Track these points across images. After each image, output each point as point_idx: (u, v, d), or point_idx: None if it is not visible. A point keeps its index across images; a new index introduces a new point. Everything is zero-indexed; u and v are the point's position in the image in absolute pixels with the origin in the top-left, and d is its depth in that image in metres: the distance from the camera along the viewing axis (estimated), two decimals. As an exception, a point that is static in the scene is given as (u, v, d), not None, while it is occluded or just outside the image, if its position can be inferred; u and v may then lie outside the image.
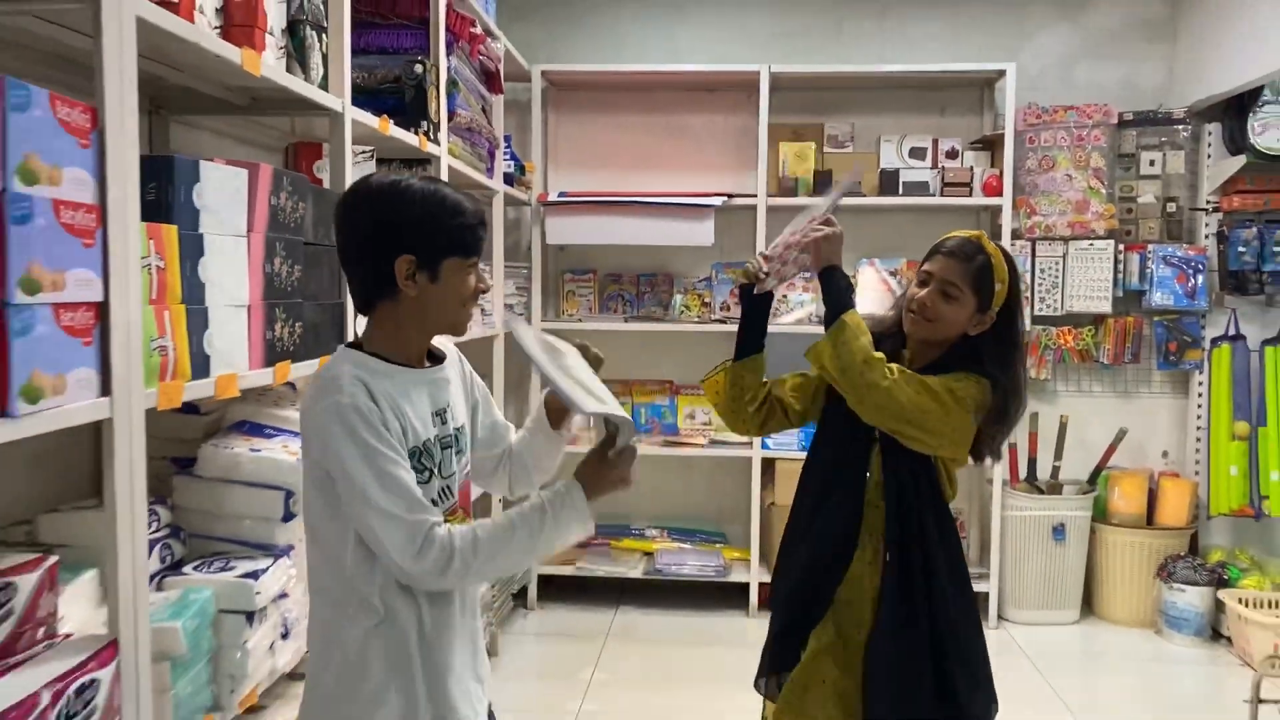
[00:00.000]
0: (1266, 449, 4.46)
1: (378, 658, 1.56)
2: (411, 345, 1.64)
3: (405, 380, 1.59)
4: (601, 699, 3.67)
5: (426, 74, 2.94)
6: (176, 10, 1.69)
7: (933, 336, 2.05)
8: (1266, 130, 4.31)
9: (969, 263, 2.00)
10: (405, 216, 1.56)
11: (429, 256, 1.57)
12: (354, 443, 1.48)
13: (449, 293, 1.60)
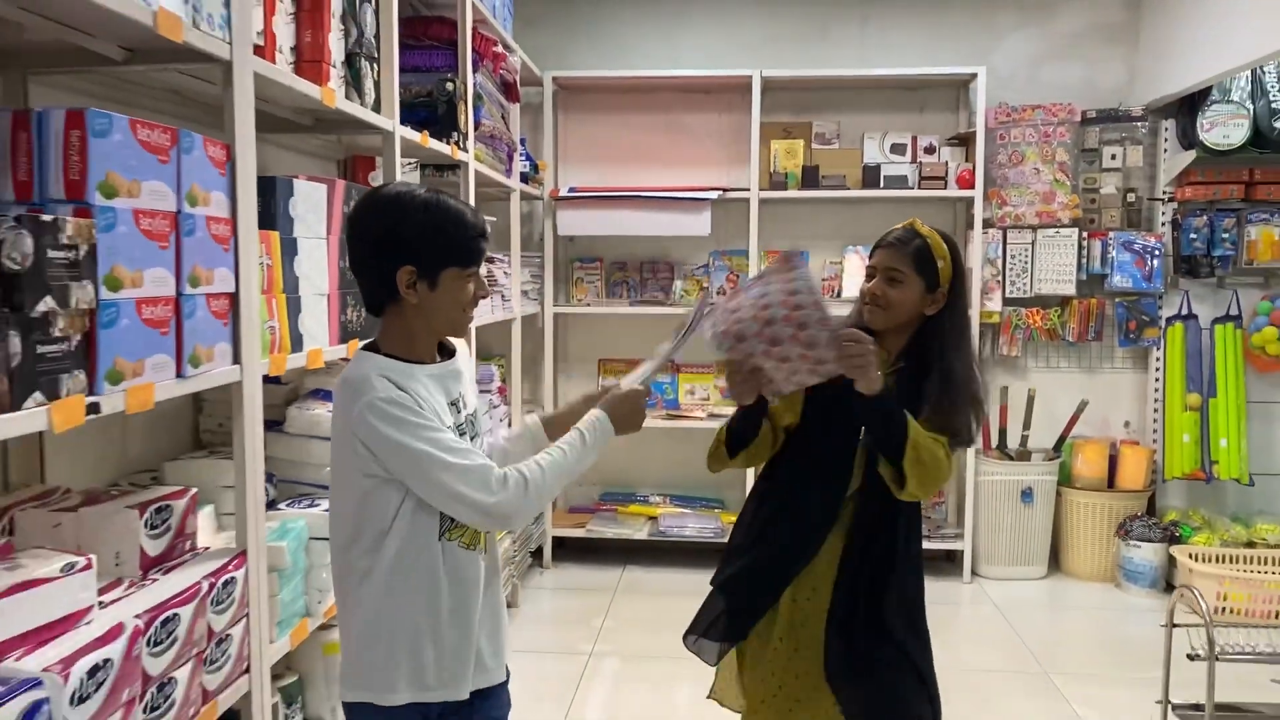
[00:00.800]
0: (1216, 418, 4.89)
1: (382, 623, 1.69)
2: (420, 344, 1.74)
3: (419, 376, 1.69)
4: (611, 642, 4.12)
5: (456, 90, 3.36)
6: (263, 53, 2.12)
7: (891, 323, 2.11)
8: (1214, 127, 4.72)
9: (906, 247, 2.10)
10: (407, 229, 1.66)
11: (429, 267, 1.67)
12: (400, 427, 1.60)
13: (448, 300, 1.70)
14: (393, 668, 1.69)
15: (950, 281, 2.11)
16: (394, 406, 1.61)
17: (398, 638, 1.69)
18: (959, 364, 2.09)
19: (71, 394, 1.38)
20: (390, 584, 1.68)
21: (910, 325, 2.13)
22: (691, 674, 3.98)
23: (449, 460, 1.61)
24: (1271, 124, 4.64)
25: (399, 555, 1.67)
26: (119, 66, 1.86)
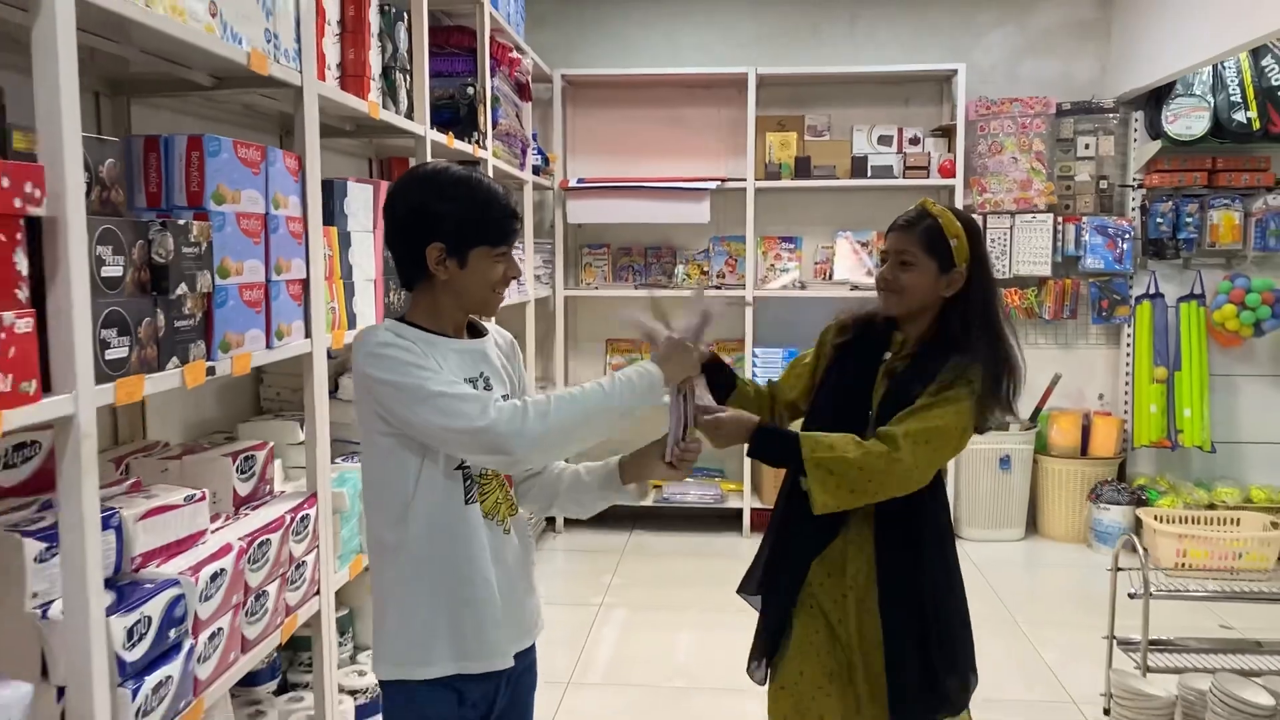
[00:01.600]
0: (1181, 390, 5.26)
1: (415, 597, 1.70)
2: (447, 320, 1.74)
3: (438, 344, 1.70)
4: (619, 596, 4.52)
5: (476, 94, 3.73)
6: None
7: (908, 307, 2.06)
8: (1177, 119, 5.06)
9: (915, 228, 2.04)
10: (438, 207, 1.67)
11: (458, 245, 1.67)
12: (393, 369, 1.60)
13: (477, 279, 1.70)
14: (429, 641, 1.69)
15: (968, 260, 2.03)
16: (389, 349, 1.62)
17: (432, 610, 1.69)
18: (984, 346, 1.99)
19: (196, 359, 1.76)
20: (418, 556, 1.69)
21: (930, 309, 2.06)
22: (692, 623, 4.40)
23: (441, 389, 1.59)
24: (1230, 116, 4.98)
25: (425, 526, 1.68)
26: (207, 91, 2.24)
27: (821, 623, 2.08)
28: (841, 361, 2.17)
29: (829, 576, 2.07)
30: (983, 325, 2.02)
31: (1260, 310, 5.07)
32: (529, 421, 1.58)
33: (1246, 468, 5.40)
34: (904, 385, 2.03)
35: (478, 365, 1.75)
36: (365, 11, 2.77)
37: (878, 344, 2.13)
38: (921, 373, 2.01)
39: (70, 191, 1.41)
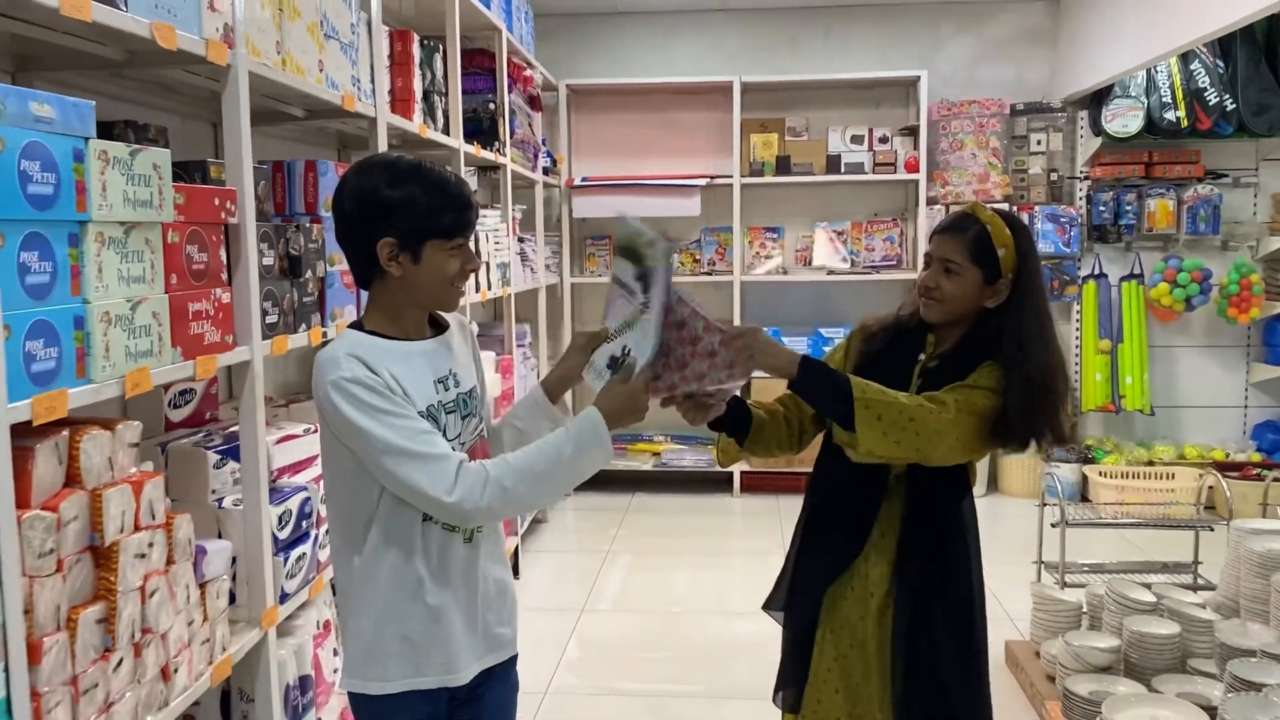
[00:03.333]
0: (1123, 360, 5.89)
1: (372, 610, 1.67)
2: (407, 319, 1.68)
3: (402, 353, 1.63)
4: (624, 545, 5.16)
5: (496, 109, 4.35)
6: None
7: (947, 317, 1.98)
8: (1115, 118, 5.68)
9: (963, 234, 1.94)
10: (386, 200, 1.58)
11: (410, 239, 1.59)
12: (362, 410, 1.53)
13: (432, 274, 1.62)
14: (387, 656, 1.66)
15: (1015, 272, 1.94)
16: (358, 387, 1.55)
17: (388, 625, 1.66)
18: (1028, 364, 1.89)
19: (315, 326, 2.38)
20: (378, 572, 1.65)
21: (968, 319, 1.99)
22: (686, 564, 5.04)
23: (409, 449, 1.54)
24: (1162, 115, 5.60)
25: (383, 544, 1.64)
26: (299, 121, 2.86)
27: (845, 639, 2.01)
28: (872, 365, 2.05)
29: (852, 590, 2.00)
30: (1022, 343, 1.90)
31: (1190, 287, 5.70)
32: (488, 498, 1.57)
33: (1182, 429, 6.03)
34: (936, 385, 1.93)
35: (445, 363, 1.71)
36: (410, 46, 3.39)
37: (911, 347, 2.04)
38: (955, 370, 1.93)
39: (248, 206, 2.04)
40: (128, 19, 1.66)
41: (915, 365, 2.02)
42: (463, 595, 1.71)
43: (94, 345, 1.55)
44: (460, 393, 1.72)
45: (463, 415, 1.72)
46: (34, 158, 1.41)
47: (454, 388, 1.71)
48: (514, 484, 1.58)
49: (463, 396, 1.73)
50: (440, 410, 1.66)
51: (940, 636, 1.96)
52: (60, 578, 1.49)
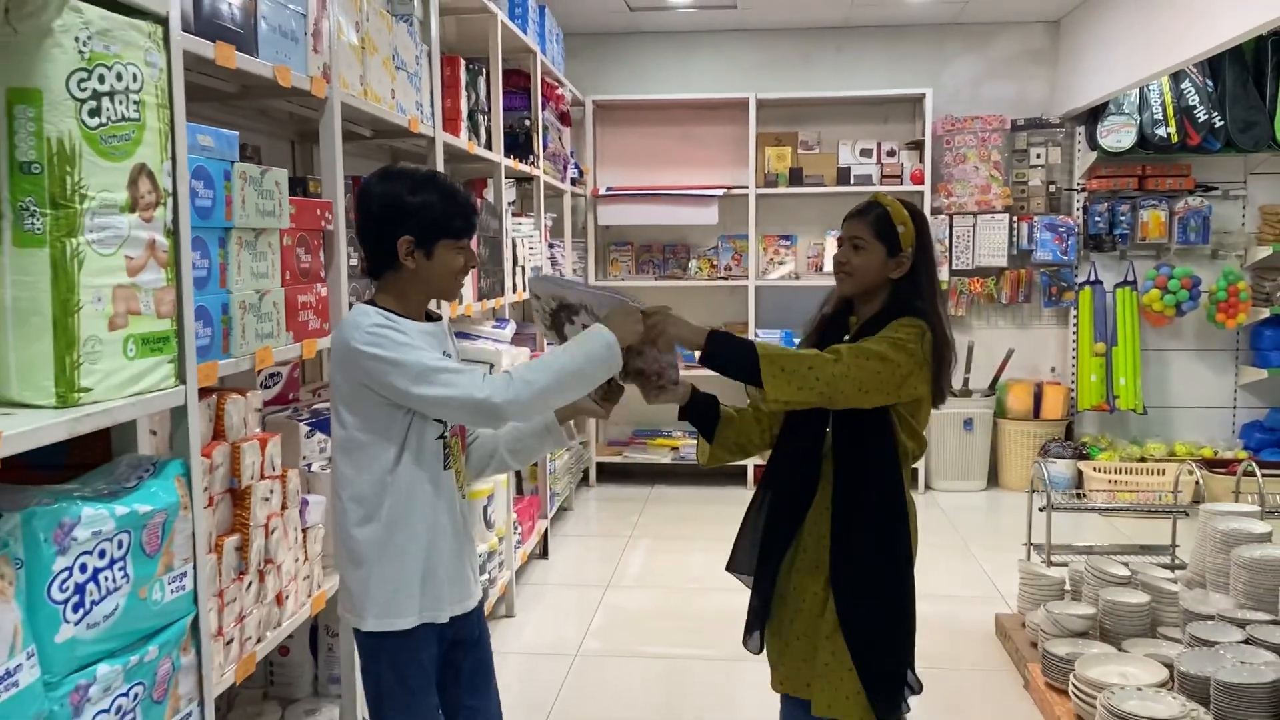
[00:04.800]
0: (1117, 362, 6.23)
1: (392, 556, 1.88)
2: (412, 306, 1.94)
3: (412, 327, 1.88)
4: (644, 530, 5.53)
5: (531, 126, 4.74)
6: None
7: (859, 288, 2.21)
8: (1110, 134, 6.03)
9: (867, 215, 2.20)
10: (407, 204, 1.85)
11: (425, 238, 1.87)
12: (394, 348, 1.79)
13: (441, 268, 1.90)
14: (405, 597, 1.88)
15: (914, 245, 2.19)
16: (388, 331, 1.81)
17: (408, 567, 1.88)
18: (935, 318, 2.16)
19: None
20: (397, 517, 1.87)
21: (880, 290, 2.21)
22: (702, 547, 5.39)
23: (441, 366, 1.80)
24: (1153, 131, 5.94)
25: (406, 490, 1.86)
26: (364, 140, 3.24)
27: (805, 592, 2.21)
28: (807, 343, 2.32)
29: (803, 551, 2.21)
30: (930, 303, 2.19)
31: (1180, 294, 6.04)
32: (517, 389, 1.80)
33: (1174, 427, 6.37)
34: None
35: (441, 344, 1.95)
36: (458, 71, 3.78)
37: (838, 331, 2.28)
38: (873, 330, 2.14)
39: (340, 216, 2.42)
40: (259, 64, 2.05)
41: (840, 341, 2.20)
42: (462, 536, 1.98)
43: (234, 327, 1.93)
44: None
45: None
46: (200, 178, 1.79)
47: None
48: (534, 376, 1.83)
49: None
50: None
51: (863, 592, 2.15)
52: (211, 510, 1.87)
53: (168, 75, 1.60)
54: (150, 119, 1.53)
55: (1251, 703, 2.71)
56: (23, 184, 1.35)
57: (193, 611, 1.64)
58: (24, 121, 1.34)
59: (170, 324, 1.62)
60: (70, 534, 1.34)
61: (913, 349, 2.08)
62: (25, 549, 1.29)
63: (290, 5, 2.20)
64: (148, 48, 1.52)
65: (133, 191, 1.49)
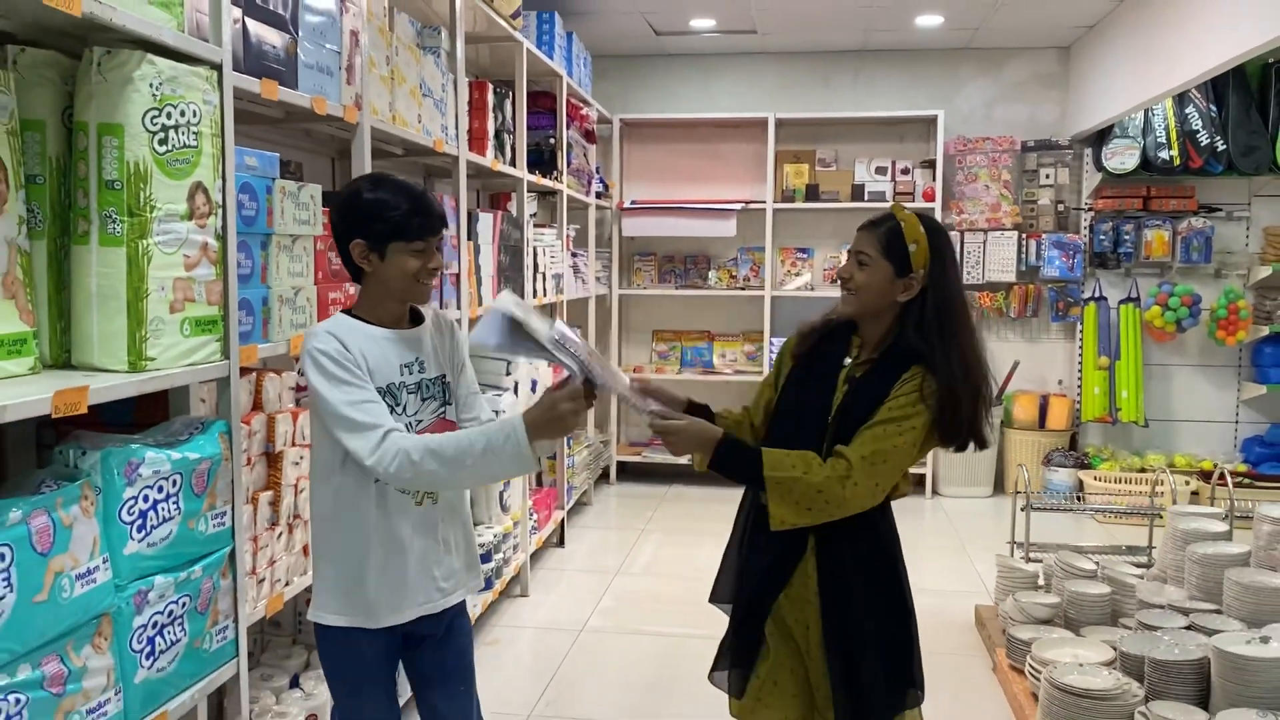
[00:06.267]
0: (1120, 376, 6.45)
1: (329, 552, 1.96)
2: (384, 311, 1.97)
3: (375, 336, 1.93)
4: (658, 524, 5.86)
5: (556, 143, 5.11)
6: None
7: (861, 307, 2.05)
8: (1114, 156, 6.27)
9: (877, 229, 2.02)
10: (359, 207, 1.91)
11: (376, 241, 1.90)
12: (325, 377, 1.83)
13: (395, 270, 1.91)
14: (339, 594, 1.94)
15: (927, 267, 1.98)
16: (325, 357, 1.84)
17: (339, 565, 1.94)
18: (943, 358, 1.96)
19: (409, 315, 3.14)
20: (334, 516, 1.94)
21: (887, 314, 2.04)
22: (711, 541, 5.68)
23: (348, 416, 1.81)
24: (1156, 154, 6.17)
25: (340, 489, 1.92)
26: (397, 157, 3.63)
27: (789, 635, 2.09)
28: (803, 368, 2.16)
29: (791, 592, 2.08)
30: (941, 336, 1.97)
31: (1180, 311, 6.25)
32: (395, 466, 1.80)
33: (1175, 440, 6.57)
34: (862, 395, 2.02)
35: (413, 351, 1.98)
36: (486, 95, 4.16)
37: (838, 349, 2.11)
38: (880, 381, 2.00)
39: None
40: (299, 95, 2.43)
41: (841, 370, 2.09)
42: (415, 548, 1.95)
43: (273, 317, 2.31)
44: (425, 378, 2.00)
45: (423, 398, 1.99)
46: (246, 192, 2.17)
47: (418, 373, 1.99)
48: (421, 459, 1.81)
49: (426, 382, 2.00)
50: (401, 389, 1.95)
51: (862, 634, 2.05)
52: (249, 469, 2.24)
53: (220, 110, 1.98)
54: (206, 146, 1.91)
55: (1179, 678, 2.97)
56: (107, 197, 1.73)
57: (230, 545, 2.01)
58: (109, 149, 1.72)
59: (218, 310, 1.99)
60: (137, 471, 1.72)
61: (916, 421, 1.95)
62: (103, 479, 1.67)
63: (327, 45, 2.58)
64: (205, 89, 1.90)
65: (191, 204, 1.87)
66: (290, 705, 2.54)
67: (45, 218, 1.75)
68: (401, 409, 1.94)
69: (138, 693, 1.73)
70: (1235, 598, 3.35)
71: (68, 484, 1.58)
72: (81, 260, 1.74)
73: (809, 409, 2.08)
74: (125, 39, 1.76)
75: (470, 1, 3.82)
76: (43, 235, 1.75)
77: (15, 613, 1.44)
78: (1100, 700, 2.96)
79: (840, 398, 2.06)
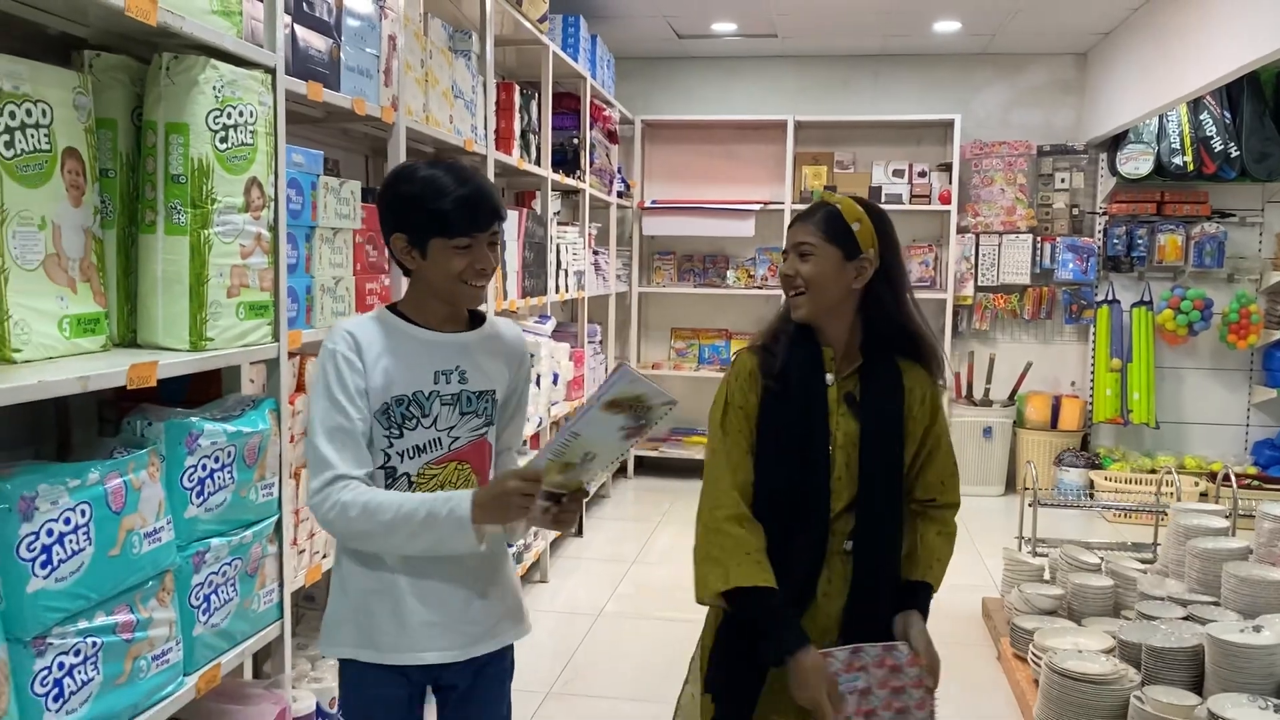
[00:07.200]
0: (1131, 378, 6.54)
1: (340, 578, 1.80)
2: (429, 310, 1.77)
3: (408, 337, 1.75)
4: (673, 517, 6.00)
5: (579, 144, 5.26)
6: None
7: (818, 308, 1.86)
8: (1128, 161, 6.36)
9: (813, 217, 1.87)
10: (398, 199, 1.73)
11: (416, 236, 1.70)
12: (323, 383, 1.71)
13: (438, 270, 1.71)
14: (339, 624, 1.79)
15: (875, 246, 1.85)
16: (329, 361, 1.71)
17: (346, 595, 1.78)
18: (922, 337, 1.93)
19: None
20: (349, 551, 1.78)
21: (844, 308, 1.88)
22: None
23: (317, 441, 1.69)
24: (1170, 160, 6.26)
25: None
26: (429, 155, 3.78)
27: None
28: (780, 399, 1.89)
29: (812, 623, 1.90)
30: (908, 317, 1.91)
31: (1192, 314, 6.34)
32: (329, 514, 1.68)
33: (1186, 442, 6.65)
34: (878, 417, 1.90)
35: (453, 359, 1.76)
36: (513, 96, 4.31)
37: (810, 366, 1.89)
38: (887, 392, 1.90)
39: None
40: (340, 97, 2.58)
41: (824, 389, 1.90)
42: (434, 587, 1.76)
43: (315, 305, 2.46)
44: (466, 390, 1.78)
45: (463, 411, 1.77)
46: (293, 187, 2.32)
47: (459, 383, 1.77)
48: (357, 515, 1.66)
49: (468, 394, 1.78)
50: (433, 399, 1.74)
51: None
52: (293, 446, 2.40)
53: (274, 111, 2.13)
54: (261, 143, 2.06)
55: (1174, 664, 3.09)
56: (173, 190, 1.88)
57: (277, 514, 2.16)
58: (176, 146, 1.87)
59: (269, 296, 2.15)
60: (196, 441, 1.87)
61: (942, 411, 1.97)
62: (166, 448, 1.82)
63: (367, 49, 2.74)
64: (261, 91, 2.06)
65: (247, 197, 2.02)
66: (325, 672, 2.69)
67: (115, 208, 1.91)
68: (432, 421, 1.76)
69: (195, 645, 1.88)
70: (1233, 590, 3.45)
71: (137, 451, 1.74)
72: (149, 248, 1.90)
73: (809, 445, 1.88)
74: (190, 45, 1.92)
75: (500, 6, 3.97)
76: (113, 224, 1.90)
77: (93, 564, 1.59)
78: (1098, 685, 3.08)
79: (847, 427, 1.89)
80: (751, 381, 1.93)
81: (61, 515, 1.54)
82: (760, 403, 1.91)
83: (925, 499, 2.03)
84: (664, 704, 3.79)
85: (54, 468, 1.58)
